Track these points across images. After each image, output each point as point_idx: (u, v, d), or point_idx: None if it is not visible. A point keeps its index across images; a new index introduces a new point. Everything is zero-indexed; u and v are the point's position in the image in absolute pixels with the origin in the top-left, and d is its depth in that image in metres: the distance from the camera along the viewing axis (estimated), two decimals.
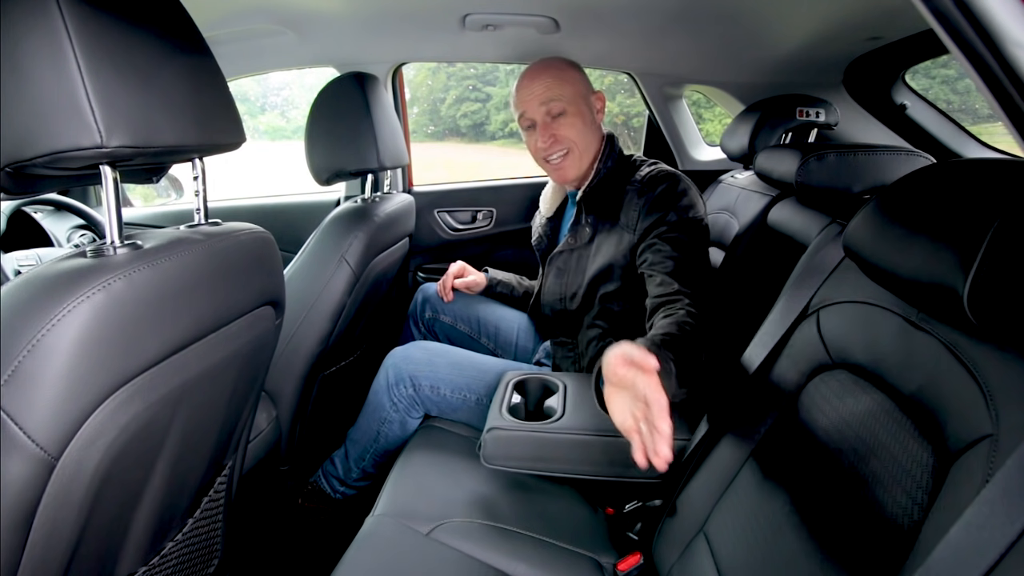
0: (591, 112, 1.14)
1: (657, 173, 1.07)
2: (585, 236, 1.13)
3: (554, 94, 1.10)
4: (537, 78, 1.12)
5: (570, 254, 1.16)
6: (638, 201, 1.05)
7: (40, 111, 0.49)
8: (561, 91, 1.10)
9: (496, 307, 1.50)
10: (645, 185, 1.05)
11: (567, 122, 1.11)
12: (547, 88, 1.10)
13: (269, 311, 0.77)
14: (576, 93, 1.11)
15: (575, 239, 1.15)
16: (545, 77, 1.11)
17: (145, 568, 0.69)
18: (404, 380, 1.17)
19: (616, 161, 1.14)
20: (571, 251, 1.16)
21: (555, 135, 1.12)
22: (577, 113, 1.11)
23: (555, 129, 1.11)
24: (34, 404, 0.46)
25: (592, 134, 1.13)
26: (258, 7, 1.29)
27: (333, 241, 1.14)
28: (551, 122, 1.11)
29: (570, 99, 1.10)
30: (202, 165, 0.69)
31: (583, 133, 1.12)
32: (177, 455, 0.66)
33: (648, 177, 1.07)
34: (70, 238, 1.64)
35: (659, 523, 0.87)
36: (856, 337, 0.66)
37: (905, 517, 0.51)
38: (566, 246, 1.17)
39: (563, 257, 1.18)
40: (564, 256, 1.18)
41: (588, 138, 1.13)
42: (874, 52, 1.44)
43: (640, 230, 1.03)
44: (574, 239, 1.15)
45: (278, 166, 8.69)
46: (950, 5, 0.36)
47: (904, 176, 0.61)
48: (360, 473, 1.24)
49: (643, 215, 1.03)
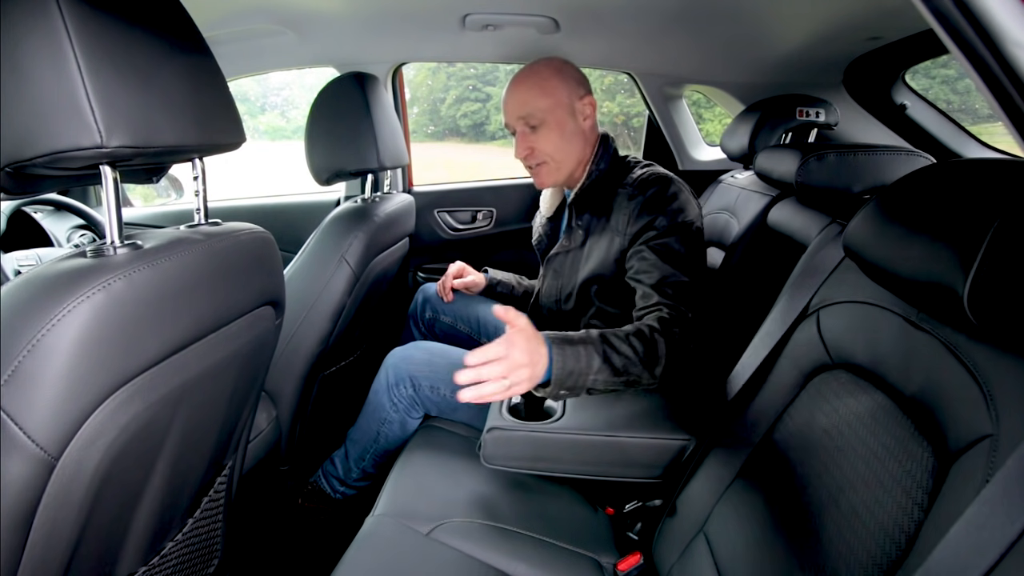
0: (575, 120, 1.10)
1: (649, 176, 1.06)
2: (578, 238, 1.13)
3: (531, 108, 1.08)
4: (516, 89, 1.10)
5: (565, 255, 1.16)
6: (628, 204, 1.04)
7: (40, 111, 0.49)
8: (539, 104, 1.08)
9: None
10: (636, 188, 1.04)
11: (543, 135, 1.09)
12: (524, 102, 1.09)
13: (269, 311, 0.77)
14: (556, 104, 1.08)
15: (569, 241, 1.15)
16: (524, 89, 1.09)
17: (145, 568, 0.69)
18: (404, 380, 1.17)
19: (610, 163, 1.13)
20: (566, 252, 1.16)
21: (531, 147, 1.11)
22: (555, 125, 1.09)
23: (532, 141, 1.10)
24: (34, 404, 0.46)
25: (574, 144, 1.11)
26: (258, 7, 1.29)
27: (333, 241, 1.14)
28: (529, 133, 1.10)
29: (548, 110, 1.08)
30: (202, 165, 0.69)
31: (560, 146, 1.10)
32: (177, 455, 0.66)
33: (639, 180, 1.05)
34: (70, 238, 1.64)
35: (659, 523, 0.87)
36: (856, 337, 0.66)
37: (905, 517, 0.51)
38: (561, 247, 1.17)
39: (559, 259, 1.18)
40: (560, 257, 1.17)
41: (567, 149, 1.11)
42: (874, 52, 1.44)
43: (630, 234, 1.03)
44: (568, 241, 1.15)
45: (278, 166, 8.70)
46: (950, 5, 0.36)
47: (904, 176, 0.61)
48: (360, 473, 1.24)
49: (633, 219, 1.02)
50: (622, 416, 0.92)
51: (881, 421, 0.58)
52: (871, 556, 0.53)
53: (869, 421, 0.60)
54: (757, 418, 0.77)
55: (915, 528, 0.50)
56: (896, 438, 0.56)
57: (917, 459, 0.53)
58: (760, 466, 0.73)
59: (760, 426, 0.76)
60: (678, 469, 0.88)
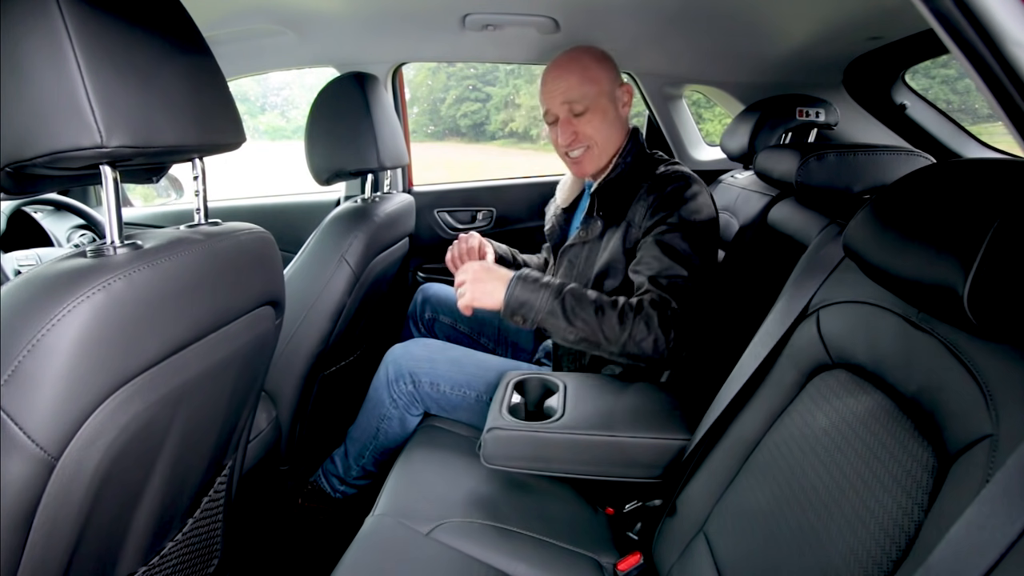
0: (615, 107, 1.13)
1: (671, 173, 1.07)
2: (596, 230, 1.13)
3: (577, 94, 1.10)
4: (562, 76, 1.12)
5: (581, 247, 1.16)
6: (647, 199, 1.05)
7: (40, 111, 0.49)
8: (584, 90, 1.10)
9: None
10: (657, 184, 1.06)
11: (588, 120, 1.11)
12: (570, 88, 1.10)
13: (269, 311, 0.77)
14: (600, 91, 1.11)
15: (586, 232, 1.15)
16: (569, 76, 1.11)
17: (145, 568, 0.69)
18: (404, 376, 1.17)
19: (636, 156, 1.14)
20: (582, 244, 1.16)
21: (576, 132, 1.12)
22: (599, 110, 1.11)
23: (576, 126, 1.12)
24: (34, 404, 0.46)
25: (614, 129, 1.14)
26: (258, 7, 1.29)
27: (333, 241, 1.14)
28: (572, 119, 1.12)
29: (593, 98, 1.10)
30: (202, 165, 0.69)
31: (603, 130, 1.12)
32: (177, 455, 0.66)
33: (661, 176, 1.07)
34: (70, 238, 1.64)
35: (659, 523, 0.87)
36: (856, 337, 0.66)
37: (905, 517, 0.51)
38: (578, 239, 1.17)
39: (574, 250, 1.17)
40: (575, 249, 1.17)
41: (609, 134, 1.13)
42: (874, 52, 1.44)
43: (644, 228, 1.04)
44: (585, 232, 1.15)
45: (278, 166, 8.70)
46: (950, 5, 0.36)
47: (904, 176, 0.61)
48: (360, 471, 1.24)
49: (649, 214, 1.03)
50: (622, 416, 0.92)
51: (881, 421, 0.58)
52: (871, 556, 0.53)
53: (869, 421, 0.60)
54: (757, 418, 0.77)
55: (915, 528, 0.50)
56: (896, 438, 0.56)
57: (917, 459, 0.53)
58: (760, 466, 0.73)
59: (760, 426, 0.76)
60: (678, 469, 0.88)
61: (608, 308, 0.94)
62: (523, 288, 0.96)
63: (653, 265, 0.98)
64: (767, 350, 0.80)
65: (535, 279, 0.97)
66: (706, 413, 0.88)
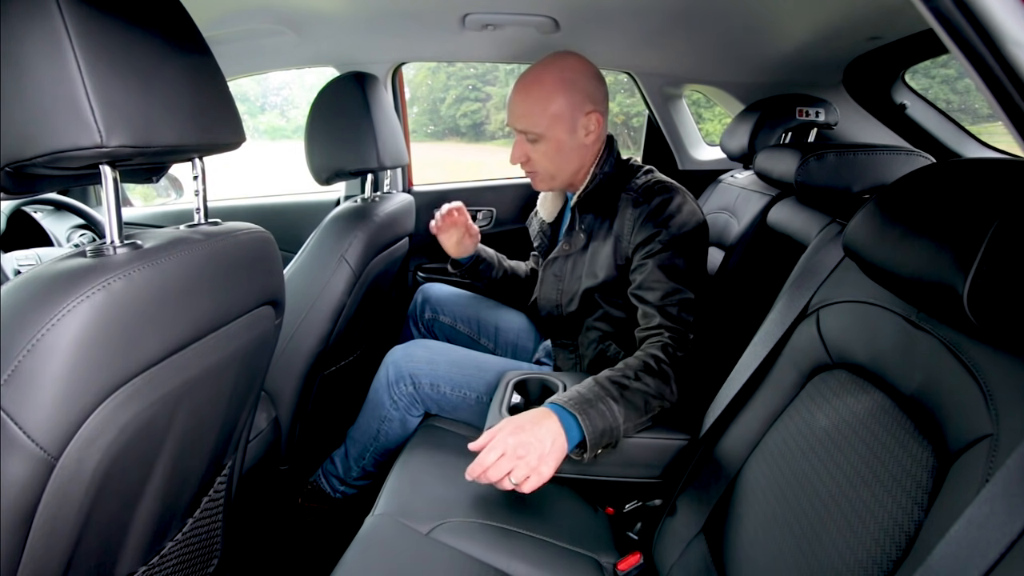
0: (574, 136, 1.06)
1: (653, 184, 1.05)
2: (580, 242, 1.12)
3: (530, 123, 1.06)
4: (519, 99, 1.07)
5: (565, 260, 1.15)
6: (633, 212, 1.03)
7: (40, 111, 0.49)
8: (538, 121, 1.05)
9: (496, 308, 1.50)
10: (641, 195, 1.04)
11: (539, 149, 1.08)
12: (523, 115, 1.06)
13: (269, 311, 0.77)
14: (556, 121, 1.05)
15: (570, 245, 1.14)
16: (527, 102, 1.06)
17: (145, 568, 0.69)
18: (404, 378, 1.17)
19: (614, 166, 1.12)
20: (566, 257, 1.15)
21: (527, 156, 1.10)
22: (553, 141, 1.06)
23: (528, 150, 1.09)
24: (34, 404, 0.46)
25: (570, 159, 1.09)
26: (258, 7, 1.29)
27: (333, 241, 1.14)
28: (526, 143, 1.09)
29: (548, 126, 1.05)
30: (202, 165, 0.69)
31: (556, 161, 1.08)
32: (177, 455, 0.66)
33: (644, 188, 1.05)
34: (70, 238, 1.64)
35: (659, 523, 0.87)
36: (856, 337, 0.66)
37: (905, 517, 0.51)
38: (561, 252, 1.16)
39: (558, 263, 1.17)
40: (559, 262, 1.17)
41: (561, 165, 1.09)
42: (874, 52, 1.44)
43: (634, 243, 1.02)
44: (569, 244, 1.14)
45: (278, 166, 8.70)
46: (950, 5, 0.36)
47: (904, 176, 0.61)
48: (360, 472, 1.24)
49: (637, 227, 1.02)
50: None
51: (881, 421, 0.58)
52: (871, 555, 0.53)
53: (869, 421, 0.60)
54: (757, 418, 0.77)
55: (915, 528, 0.50)
56: (896, 438, 0.56)
57: (917, 459, 0.53)
58: (760, 466, 0.73)
59: (760, 426, 0.76)
60: (678, 469, 0.88)
61: (643, 374, 0.89)
62: (585, 415, 0.83)
63: (656, 291, 0.97)
64: (767, 350, 0.80)
65: (579, 399, 0.85)
66: (706, 413, 0.88)
